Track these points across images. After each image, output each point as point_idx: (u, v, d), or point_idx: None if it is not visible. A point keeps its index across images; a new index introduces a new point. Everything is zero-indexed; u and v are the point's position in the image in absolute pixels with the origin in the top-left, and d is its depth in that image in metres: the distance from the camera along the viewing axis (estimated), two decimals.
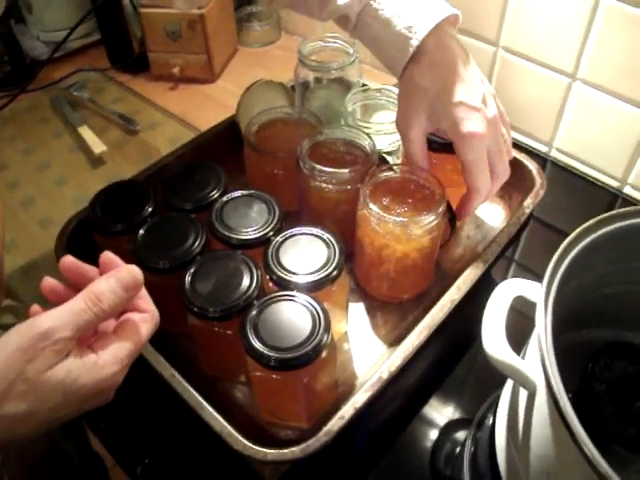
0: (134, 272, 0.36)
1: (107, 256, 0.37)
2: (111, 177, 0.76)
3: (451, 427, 0.52)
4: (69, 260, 0.37)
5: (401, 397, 0.53)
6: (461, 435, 0.52)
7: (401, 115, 0.52)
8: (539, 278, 0.41)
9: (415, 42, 0.48)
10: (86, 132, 0.81)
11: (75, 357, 0.33)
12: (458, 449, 0.50)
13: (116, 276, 0.35)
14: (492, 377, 0.54)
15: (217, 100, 0.89)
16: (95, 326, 0.35)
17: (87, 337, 0.36)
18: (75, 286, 0.37)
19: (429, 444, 0.50)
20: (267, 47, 1.00)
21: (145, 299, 0.38)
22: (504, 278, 0.64)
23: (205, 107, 0.87)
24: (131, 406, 0.54)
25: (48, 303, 0.36)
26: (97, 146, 0.79)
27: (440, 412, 0.52)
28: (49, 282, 0.36)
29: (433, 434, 0.51)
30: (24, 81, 0.89)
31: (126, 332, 0.36)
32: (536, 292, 0.41)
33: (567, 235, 0.68)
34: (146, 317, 0.37)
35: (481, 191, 0.51)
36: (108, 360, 0.34)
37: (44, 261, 0.67)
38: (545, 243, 0.68)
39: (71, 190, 0.76)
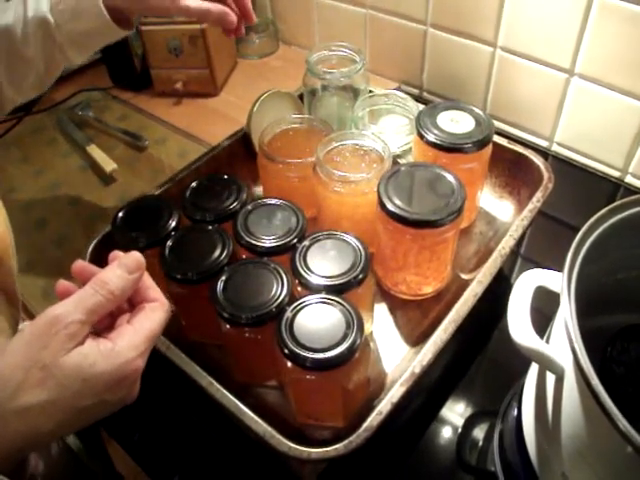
0: (135, 255, 0.37)
1: (113, 253, 0.39)
2: (124, 194, 0.77)
3: (473, 420, 0.54)
4: (80, 264, 0.38)
5: (425, 393, 0.55)
6: (484, 427, 0.53)
7: None
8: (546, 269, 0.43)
9: None
10: (95, 151, 0.82)
11: (91, 344, 0.34)
12: (481, 441, 0.52)
13: (118, 262, 0.37)
14: (506, 370, 0.56)
15: (221, 113, 0.90)
16: (106, 310, 0.35)
17: (103, 329, 0.37)
18: None
19: (454, 437, 0.52)
20: (265, 58, 1.02)
21: (154, 289, 0.39)
22: (511, 271, 0.66)
23: (210, 120, 0.89)
24: (163, 418, 0.55)
25: None
26: (108, 164, 0.80)
27: (461, 406, 0.54)
28: (63, 284, 0.37)
29: (457, 427, 0.53)
30: (28, 103, 0.89)
31: (139, 320, 0.36)
32: (557, 281, 0.42)
33: (571, 226, 0.70)
34: (156, 305, 0.38)
35: None
36: (124, 346, 0.34)
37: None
38: (549, 235, 0.70)
39: (85, 209, 0.77)
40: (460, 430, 0.53)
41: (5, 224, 0.48)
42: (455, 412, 0.54)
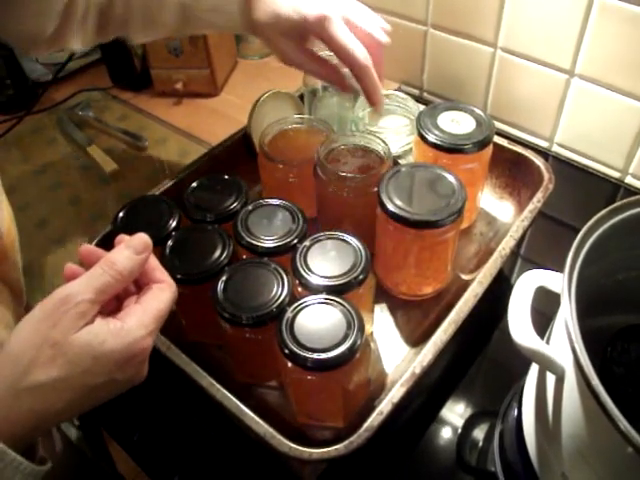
0: (142, 236, 0.38)
1: (120, 237, 0.39)
2: (124, 194, 0.77)
3: (473, 420, 0.54)
4: (87, 247, 0.39)
5: (425, 393, 0.55)
6: (484, 427, 0.53)
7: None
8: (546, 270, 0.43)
9: None
10: (95, 151, 0.82)
11: (101, 323, 0.34)
12: (481, 442, 0.52)
13: (125, 243, 0.37)
14: (506, 371, 0.56)
15: (221, 113, 0.90)
16: (115, 290, 0.36)
17: (110, 312, 0.37)
18: None
19: (454, 437, 0.52)
20: (266, 59, 1.02)
21: (160, 270, 0.39)
22: (512, 271, 0.66)
23: (210, 120, 0.89)
24: (163, 418, 0.55)
25: None
26: (108, 164, 0.80)
27: (461, 406, 0.54)
28: (70, 267, 0.38)
29: (457, 428, 0.53)
30: (28, 103, 0.90)
31: (147, 299, 0.37)
32: (557, 282, 0.42)
33: (571, 227, 0.70)
34: (163, 286, 0.38)
35: (365, 61, 0.51)
36: (134, 325, 0.35)
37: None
38: (549, 236, 0.70)
39: (85, 209, 0.77)
40: (460, 430, 0.53)
41: (10, 219, 0.48)
42: (455, 412, 0.54)
